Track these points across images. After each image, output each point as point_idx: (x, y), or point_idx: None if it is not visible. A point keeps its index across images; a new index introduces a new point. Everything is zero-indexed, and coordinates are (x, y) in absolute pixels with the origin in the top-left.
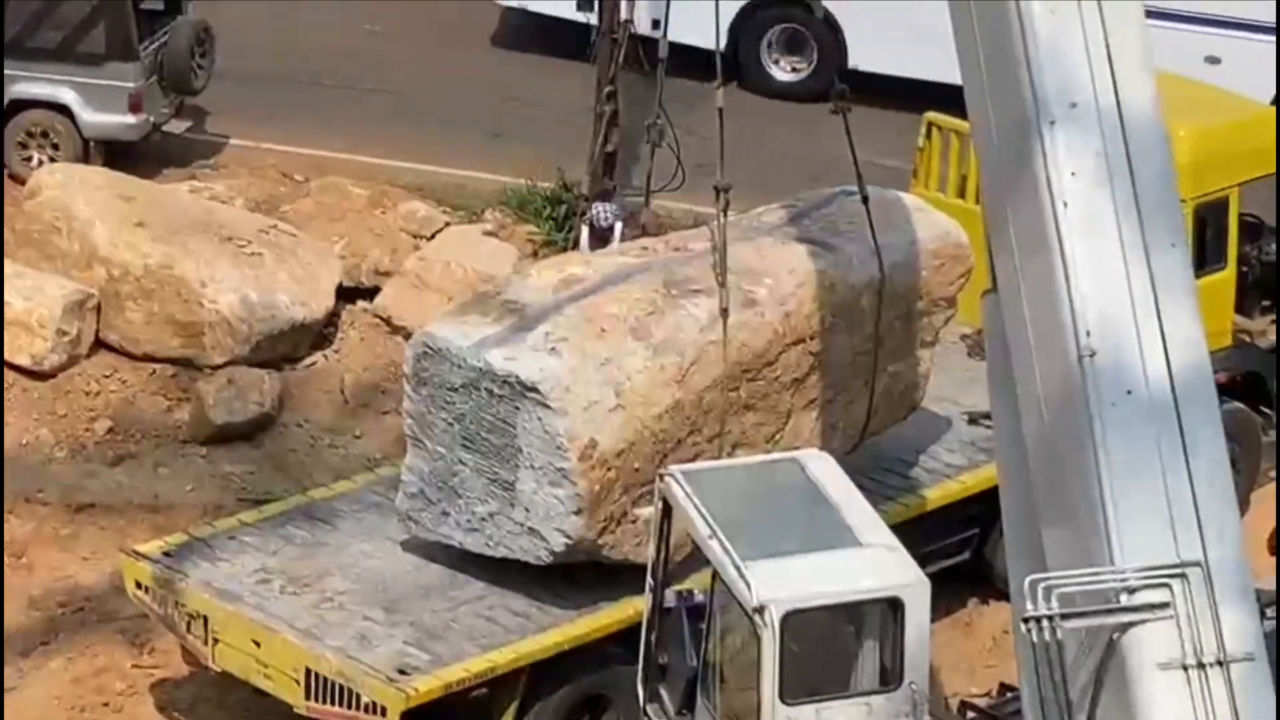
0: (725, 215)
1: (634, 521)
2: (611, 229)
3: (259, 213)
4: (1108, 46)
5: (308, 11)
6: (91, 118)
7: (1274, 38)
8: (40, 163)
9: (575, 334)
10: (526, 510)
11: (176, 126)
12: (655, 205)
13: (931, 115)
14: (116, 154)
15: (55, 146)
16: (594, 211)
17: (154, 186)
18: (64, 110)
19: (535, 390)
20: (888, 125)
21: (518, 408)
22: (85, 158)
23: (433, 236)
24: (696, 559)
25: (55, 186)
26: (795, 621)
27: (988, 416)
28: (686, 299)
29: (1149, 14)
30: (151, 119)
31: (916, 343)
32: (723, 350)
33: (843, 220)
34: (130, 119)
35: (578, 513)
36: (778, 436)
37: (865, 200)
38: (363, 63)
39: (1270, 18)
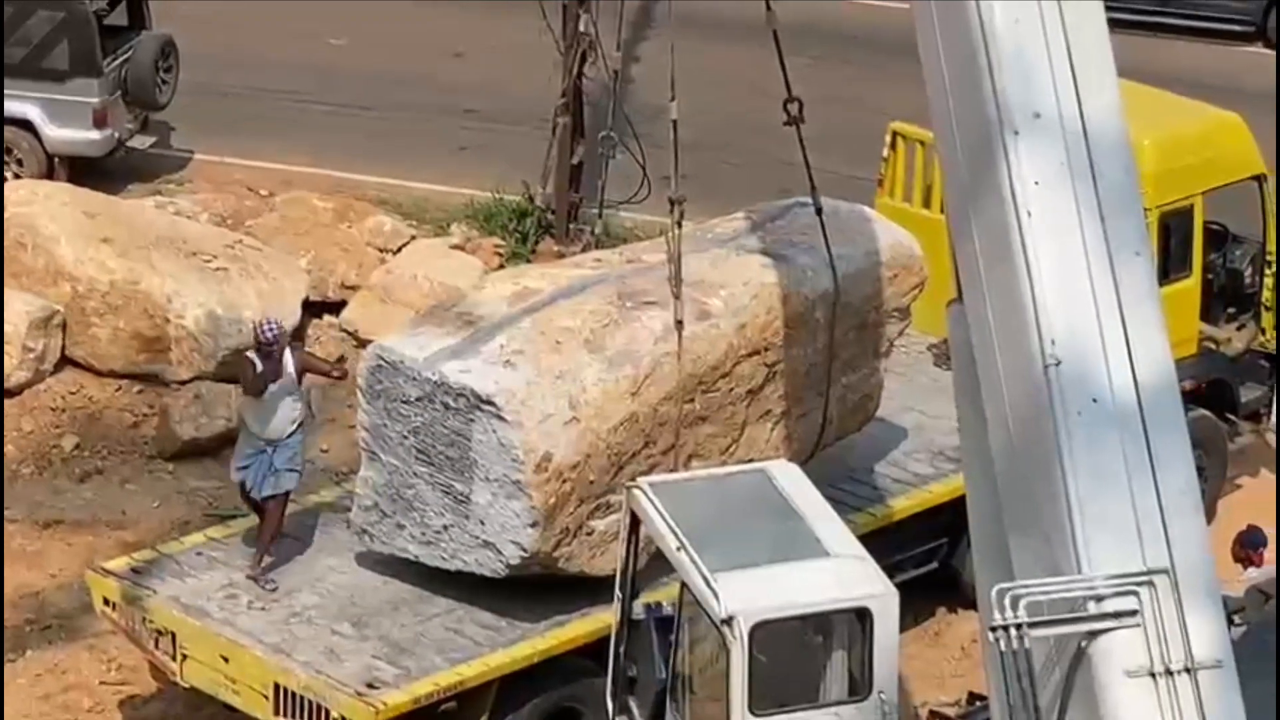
0: (680, 227)
1: (590, 534)
2: (275, 343)
3: (225, 227)
4: (1071, 56)
5: (272, 26)
6: (56, 133)
7: None
8: (4, 179)
9: (530, 346)
10: (482, 523)
11: (141, 142)
12: (621, 216)
13: (897, 125)
14: (81, 169)
15: (20, 162)
16: (261, 325)
17: (119, 202)
18: (28, 126)
19: (490, 403)
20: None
21: (473, 420)
22: (50, 174)
23: (399, 250)
24: (662, 571)
25: (20, 203)
26: (764, 632)
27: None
28: (641, 311)
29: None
30: (116, 134)
31: (870, 354)
32: (677, 362)
33: (796, 232)
34: (95, 134)
35: (533, 525)
36: (732, 448)
37: (819, 212)
38: (328, 77)
39: None
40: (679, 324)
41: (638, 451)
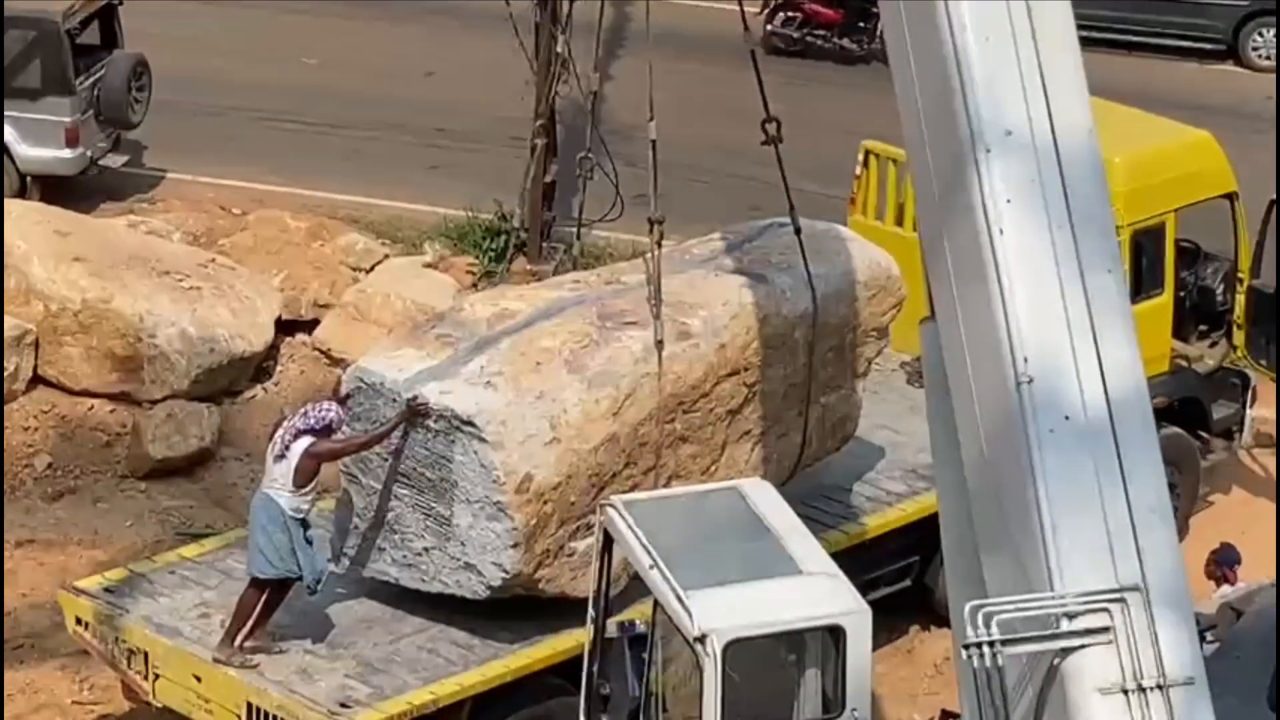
0: (660, 247)
1: (571, 555)
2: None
3: (197, 246)
4: (1042, 74)
5: (245, 45)
6: (27, 152)
7: None
8: (3, 197)
9: (510, 367)
10: (463, 545)
11: (113, 161)
12: (595, 235)
13: (869, 143)
14: (53, 188)
15: None
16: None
17: (91, 221)
18: None
19: (471, 424)
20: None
21: (453, 441)
22: (22, 192)
23: (372, 269)
24: (636, 590)
25: None
26: (737, 650)
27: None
28: (621, 331)
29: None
30: (88, 153)
31: (849, 373)
32: (658, 382)
33: (775, 252)
34: (67, 153)
35: (514, 546)
36: (713, 468)
37: (798, 231)
38: (300, 96)
39: None
40: (659, 344)
41: (619, 472)
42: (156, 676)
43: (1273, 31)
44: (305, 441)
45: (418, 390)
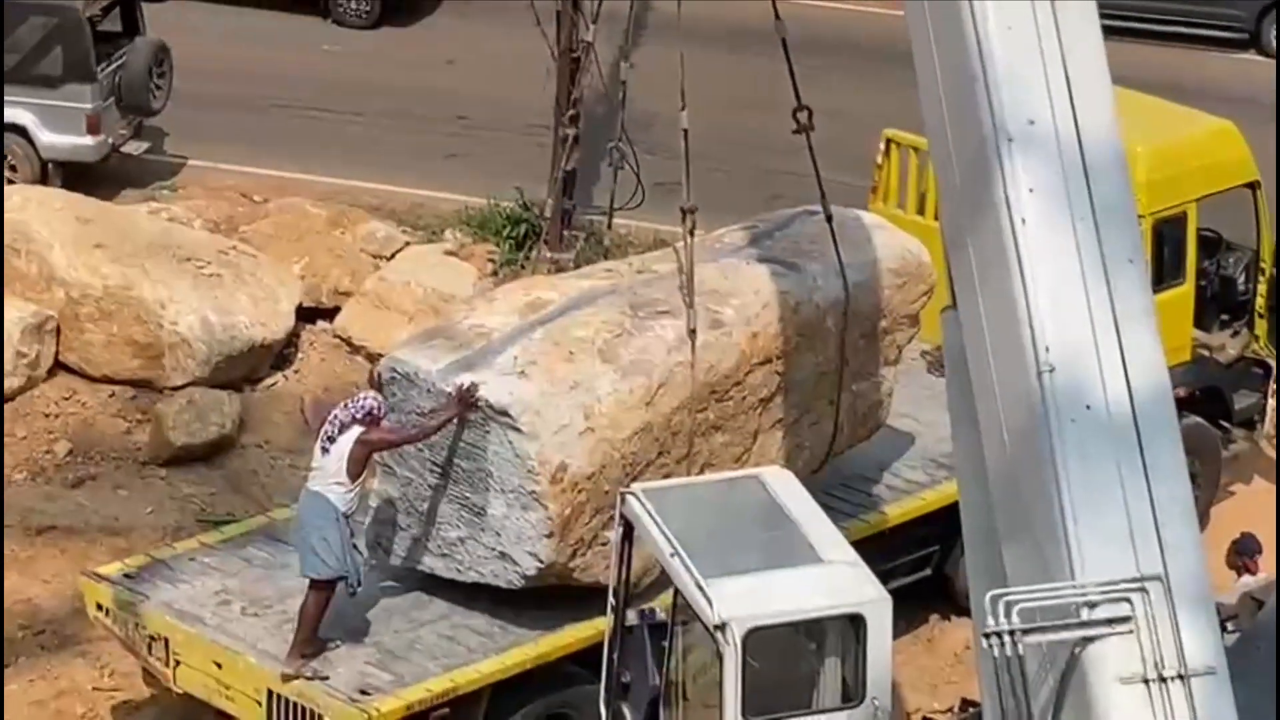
0: (692, 236)
1: (604, 544)
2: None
3: (218, 234)
4: (1065, 63)
5: (265, 32)
6: (49, 139)
7: None
8: (4, 185)
9: (544, 357)
10: (497, 534)
11: (135, 148)
12: (615, 223)
13: (890, 132)
14: (75, 175)
15: (13, 168)
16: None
17: (113, 208)
18: (22, 131)
19: (505, 414)
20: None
21: (487, 432)
22: (43, 179)
23: (392, 256)
24: (653, 576)
25: (13, 208)
26: (757, 639)
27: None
28: (654, 321)
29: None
30: (110, 140)
31: (880, 361)
32: (691, 371)
33: (806, 240)
34: (88, 140)
35: (549, 536)
36: (745, 457)
37: (829, 220)
38: (322, 83)
39: None
40: (692, 333)
41: (652, 461)
42: (177, 663)
43: None
44: (355, 431)
45: (451, 380)
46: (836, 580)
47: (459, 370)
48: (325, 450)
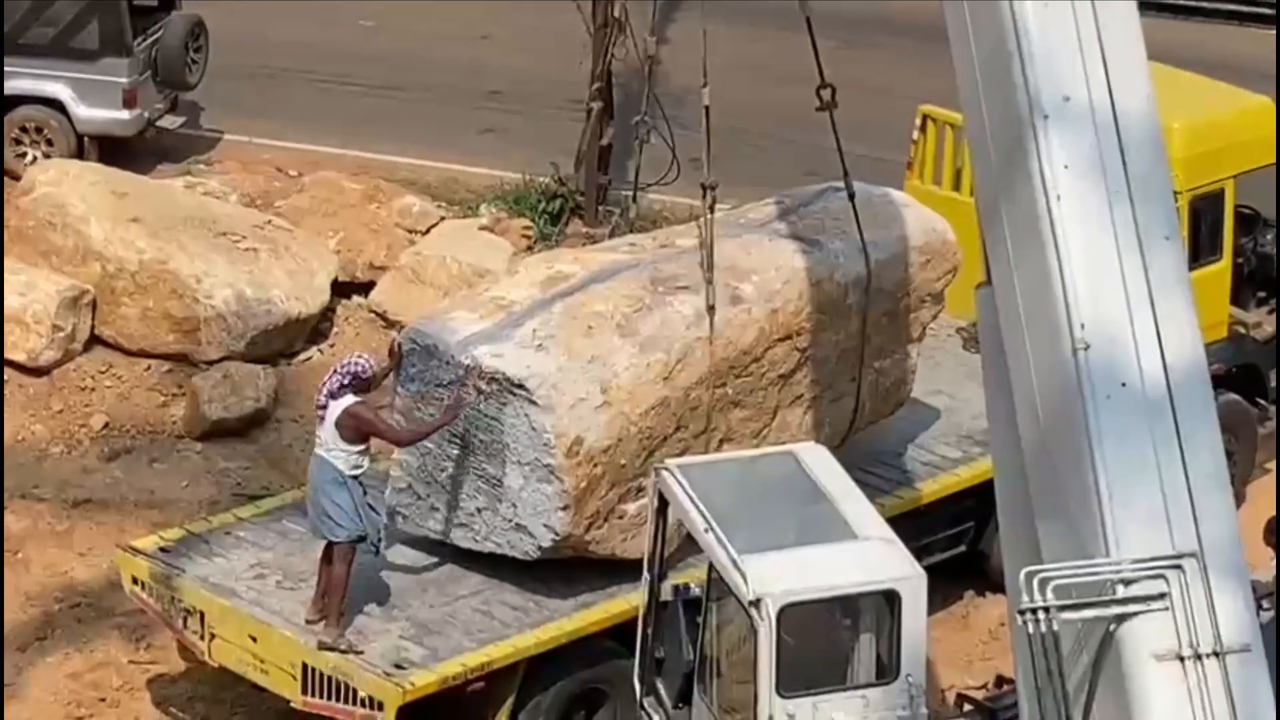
0: (713, 212)
1: (621, 517)
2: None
3: (254, 208)
4: (1100, 39)
5: (301, 7)
6: (86, 113)
7: None
8: (34, 159)
9: (562, 331)
10: (514, 506)
11: (171, 122)
12: (651, 198)
13: (926, 108)
14: (111, 150)
15: (49, 142)
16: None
17: (148, 182)
18: (58, 106)
19: (522, 387)
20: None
21: (505, 404)
22: (80, 153)
23: (428, 231)
24: (690, 553)
25: (49, 182)
26: (792, 614)
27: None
28: (673, 296)
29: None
30: (146, 114)
31: (903, 339)
32: (709, 347)
33: (829, 217)
34: (124, 114)
35: (565, 508)
36: (764, 433)
37: (852, 197)
38: (357, 58)
39: None
40: (711, 309)
41: (669, 436)
42: (213, 636)
43: None
44: (345, 400)
45: (470, 352)
46: (871, 557)
47: (478, 343)
48: (321, 418)
